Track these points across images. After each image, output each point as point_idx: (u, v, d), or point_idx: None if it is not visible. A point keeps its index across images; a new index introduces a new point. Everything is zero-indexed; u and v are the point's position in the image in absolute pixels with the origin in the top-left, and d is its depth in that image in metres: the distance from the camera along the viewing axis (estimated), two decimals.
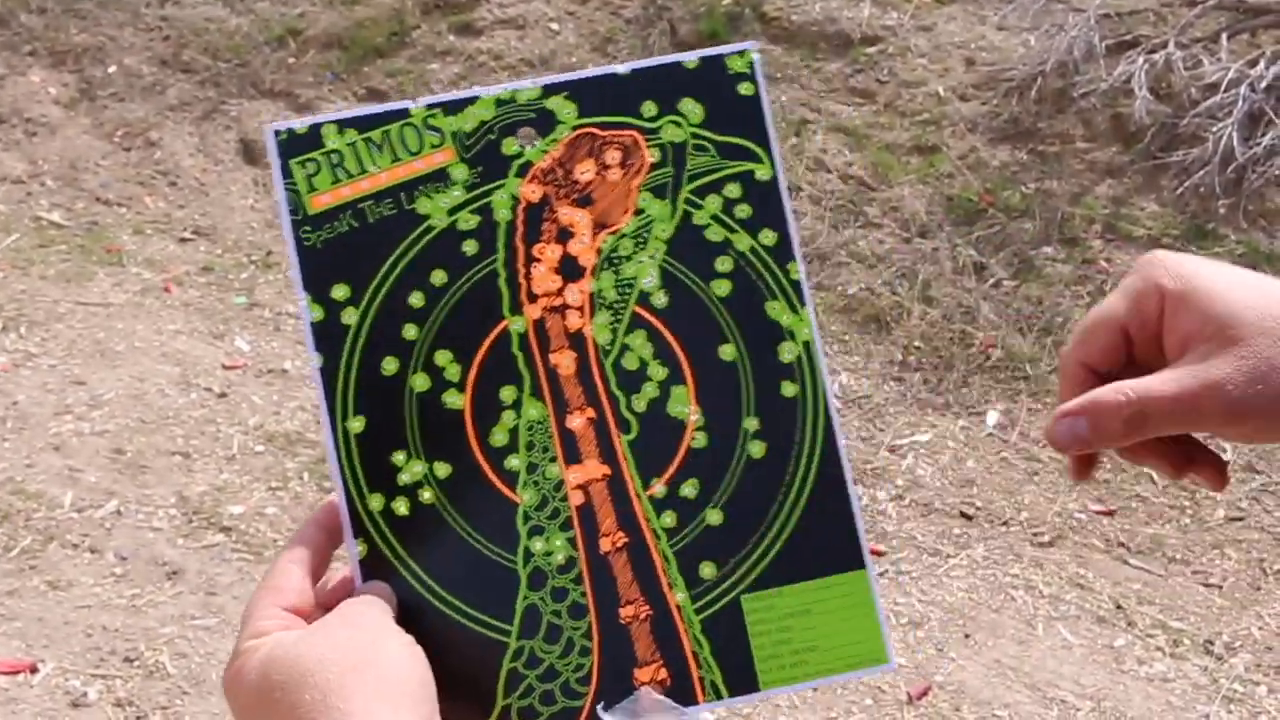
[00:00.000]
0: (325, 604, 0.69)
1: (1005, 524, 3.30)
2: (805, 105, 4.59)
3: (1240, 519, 3.31)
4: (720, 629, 0.70)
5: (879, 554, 3.17)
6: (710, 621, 0.70)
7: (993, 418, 3.65)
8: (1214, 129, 4.08)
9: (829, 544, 0.71)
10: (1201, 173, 4.07)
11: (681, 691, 0.69)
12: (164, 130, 4.74)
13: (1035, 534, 3.27)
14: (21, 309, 3.90)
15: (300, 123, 0.72)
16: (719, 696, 0.69)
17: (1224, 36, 4.40)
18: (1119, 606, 3.02)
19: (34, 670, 2.64)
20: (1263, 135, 4.06)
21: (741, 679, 0.70)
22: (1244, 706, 2.74)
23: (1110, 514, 3.34)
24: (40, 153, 4.66)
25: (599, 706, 0.69)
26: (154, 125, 4.76)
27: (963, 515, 3.33)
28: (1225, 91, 4.13)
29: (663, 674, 0.69)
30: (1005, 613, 3.01)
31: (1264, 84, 4.11)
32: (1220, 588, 3.10)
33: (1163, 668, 2.84)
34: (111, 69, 4.98)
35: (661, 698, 0.69)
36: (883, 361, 3.84)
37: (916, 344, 3.85)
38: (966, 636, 2.93)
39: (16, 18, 5.17)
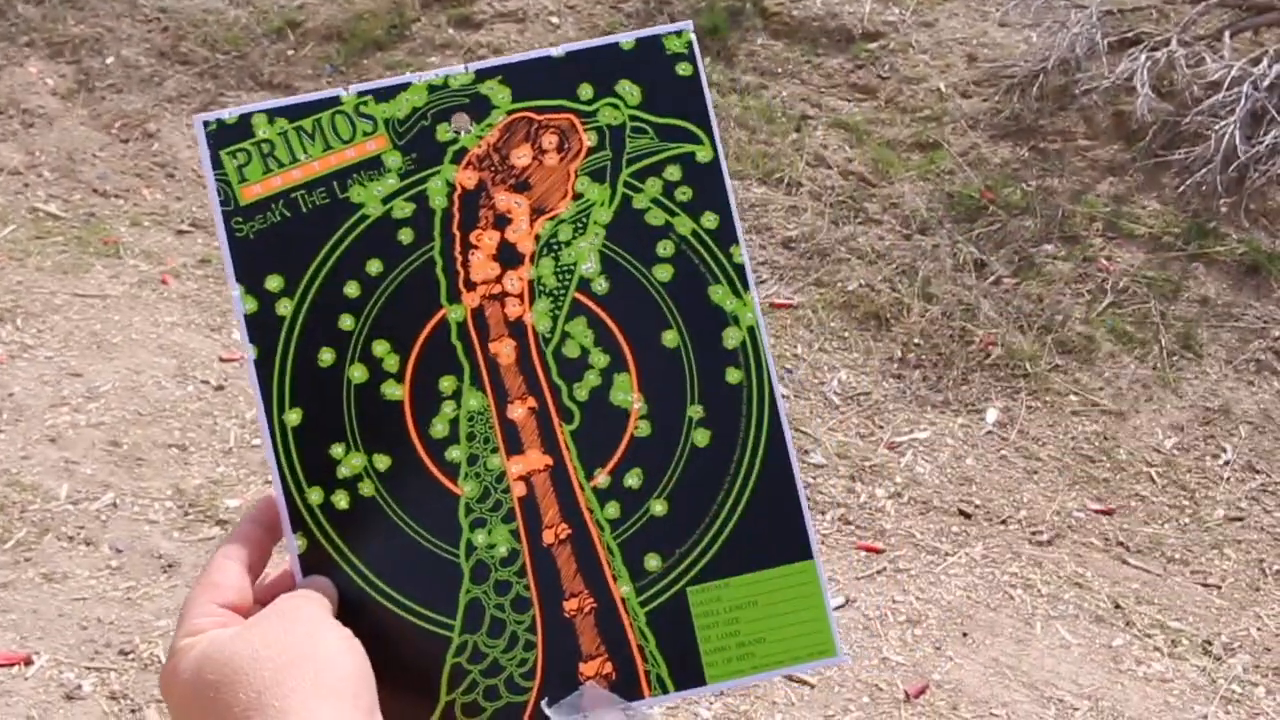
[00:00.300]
0: (264, 600, 0.67)
1: (1004, 522, 3.29)
2: (806, 100, 4.58)
3: (1240, 519, 3.31)
4: (666, 622, 0.69)
5: (877, 551, 3.16)
6: (655, 614, 0.69)
7: (992, 415, 3.63)
8: (1216, 127, 4.07)
9: (776, 534, 0.70)
10: (1203, 171, 4.05)
11: (627, 685, 0.68)
12: (162, 122, 4.73)
13: (1034, 533, 3.26)
14: (18, 300, 3.88)
15: (229, 113, 0.71)
16: (665, 690, 0.69)
17: (1227, 34, 4.38)
18: (1117, 606, 3.01)
19: (28, 662, 2.63)
20: (1265, 134, 4.05)
21: (688, 672, 0.69)
22: (1242, 707, 2.73)
23: (1109, 513, 3.33)
24: (37, 144, 4.64)
25: (543, 702, 0.68)
26: (152, 117, 4.74)
27: (961, 513, 3.32)
28: (1228, 90, 4.12)
29: (608, 668, 0.69)
30: (1003, 611, 3.00)
31: (1266, 82, 4.10)
32: (1219, 588, 3.09)
33: (1161, 668, 2.83)
34: (109, 60, 4.96)
35: (606, 692, 0.68)
36: (882, 358, 3.82)
37: (916, 341, 3.84)
38: (964, 635, 2.92)
39: (14, 8, 5.15)
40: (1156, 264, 4.00)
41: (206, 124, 0.71)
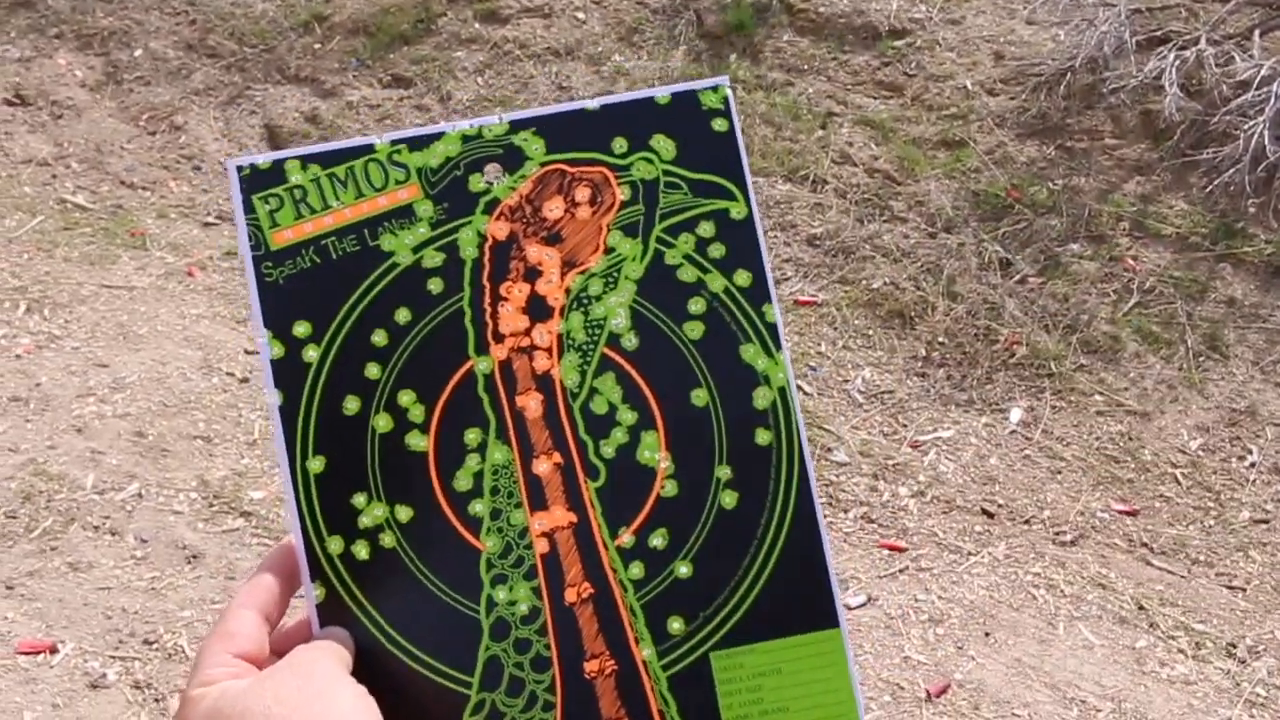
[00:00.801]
0: (280, 650, 0.67)
1: (1027, 522, 3.28)
2: (831, 98, 4.57)
3: (1265, 521, 3.28)
4: (688, 687, 0.68)
5: (899, 550, 3.15)
6: (677, 679, 0.68)
7: (1016, 415, 3.62)
8: (1245, 127, 4.04)
9: (802, 600, 0.69)
10: (1232, 171, 4.03)
11: None
12: (189, 115, 4.75)
13: (1057, 533, 3.24)
14: (45, 291, 3.91)
15: (263, 158, 0.71)
16: None
17: (1256, 33, 4.35)
18: (1141, 607, 2.99)
19: (54, 651, 2.65)
20: None
21: None
22: (1267, 711, 2.71)
23: (1133, 514, 3.31)
24: (66, 135, 4.67)
25: None
26: (179, 109, 4.76)
27: (984, 513, 3.30)
28: (1257, 89, 4.09)
29: None
30: (1026, 612, 2.99)
31: None
32: (1244, 590, 3.08)
33: (1184, 670, 2.81)
34: (138, 53, 4.98)
35: None
36: (906, 357, 3.81)
37: (940, 340, 3.83)
38: (986, 635, 2.91)
39: (44, 0, 5.18)
40: (1183, 264, 3.98)
41: (240, 169, 0.71)
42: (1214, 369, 3.72)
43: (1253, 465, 3.45)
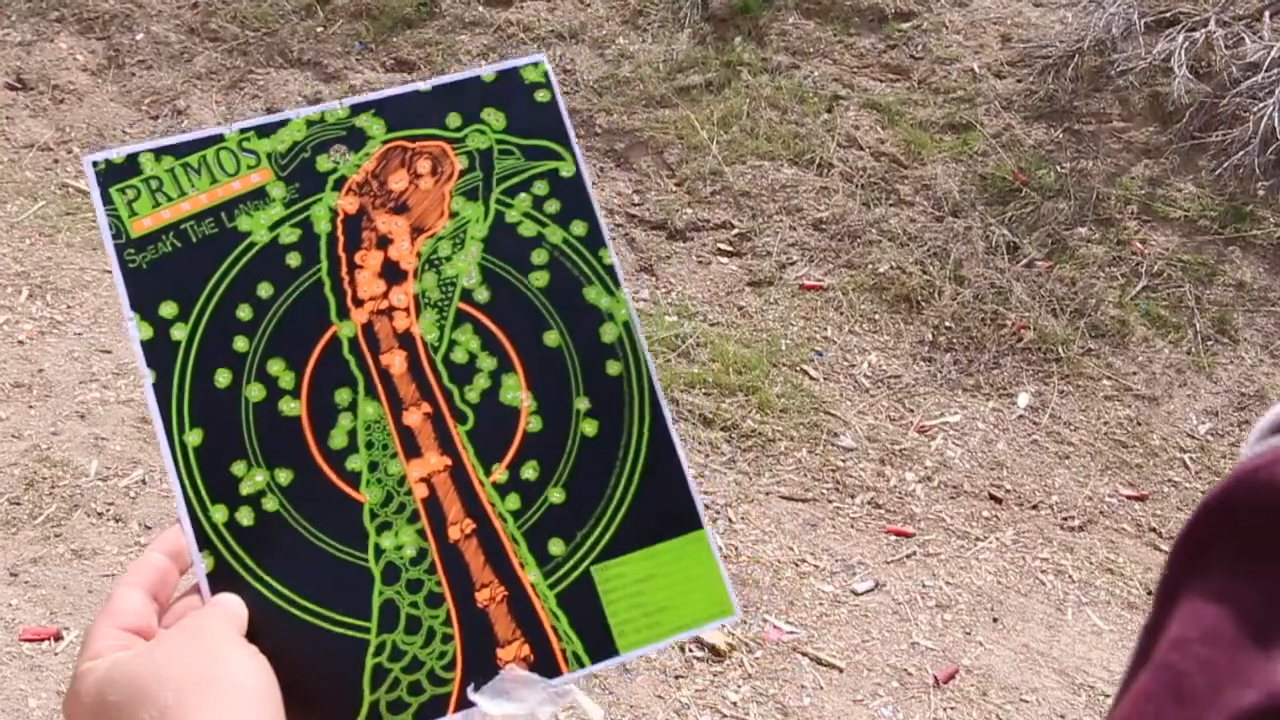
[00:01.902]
0: (170, 625, 0.67)
1: (1035, 507, 3.26)
2: (838, 81, 4.54)
3: None
4: (575, 601, 0.73)
5: (906, 535, 3.14)
6: (564, 595, 0.73)
7: (1024, 400, 3.60)
8: (1255, 109, 4.01)
9: (667, 510, 0.75)
10: (1241, 153, 4.00)
11: (545, 665, 0.72)
12: (191, 98, 4.72)
13: (1065, 518, 3.23)
14: (48, 276, 3.89)
15: (117, 152, 0.74)
16: (581, 665, 0.73)
17: (1267, 14, 4.32)
18: (1150, 592, 2.97)
19: (58, 638, 2.64)
20: None
21: (601, 646, 0.73)
22: None
23: (1142, 499, 3.29)
24: (68, 120, 4.65)
25: (469, 689, 0.70)
26: (181, 93, 4.74)
27: (992, 498, 3.29)
28: (1267, 71, 4.06)
29: (525, 650, 0.72)
30: (1034, 597, 2.97)
31: None
32: None
33: None
34: (139, 36, 4.96)
35: (527, 673, 0.71)
36: (913, 341, 3.79)
37: (947, 324, 3.81)
38: (995, 620, 2.90)
39: None
40: (1192, 247, 3.95)
41: (95, 164, 0.74)
42: (1223, 352, 3.70)
43: None
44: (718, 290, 3.95)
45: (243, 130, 0.76)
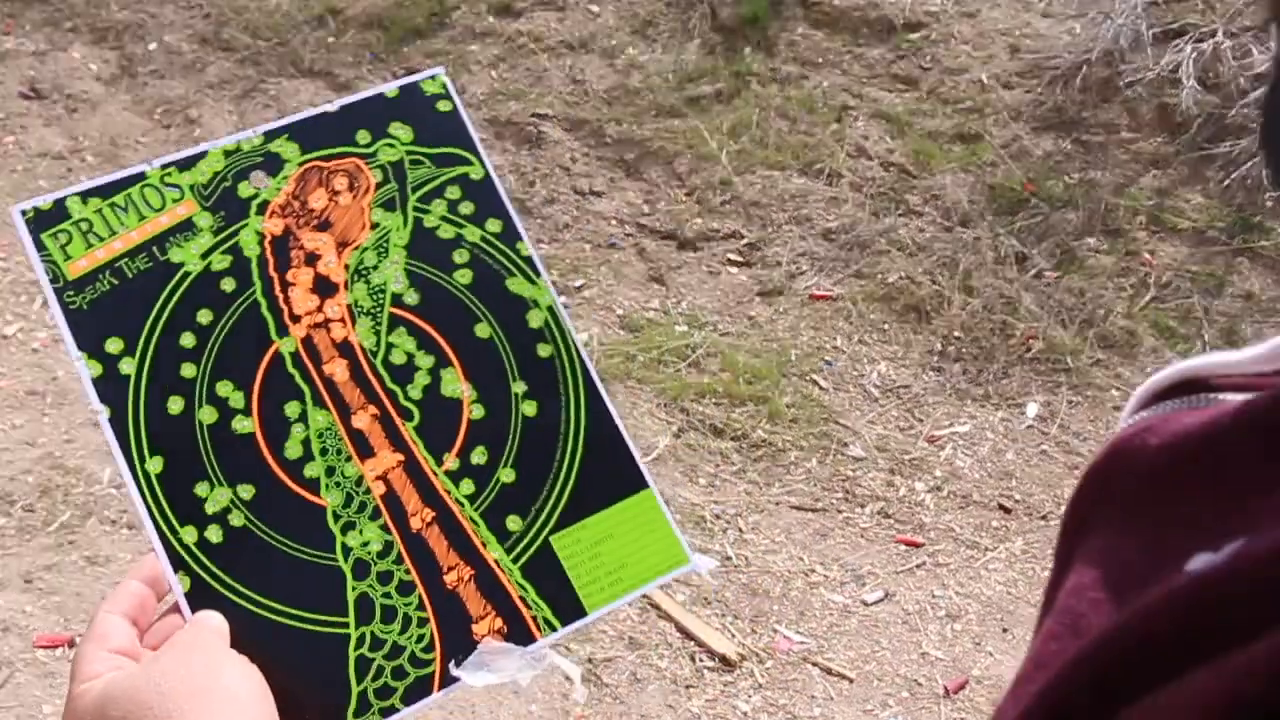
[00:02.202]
0: (153, 646, 0.70)
1: (1044, 517, 3.27)
2: (847, 91, 4.55)
3: None
4: (539, 571, 0.77)
5: (916, 545, 3.15)
6: (528, 567, 0.77)
7: (1033, 410, 3.61)
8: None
9: (612, 475, 0.80)
10: (1249, 164, 4.01)
11: (519, 634, 0.76)
12: (203, 108, 4.75)
13: None
14: None
15: (43, 200, 0.76)
16: (554, 629, 0.76)
17: (1275, 25, 4.32)
18: None
19: (72, 644, 2.65)
20: None
21: (569, 608, 0.77)
22: None
23: None
24: (80, 129, 4.67)
25: (451, 664, 0.74)
26: (194, 103, 4.76)
27: (1001, 508, 3.30)
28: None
29: (498, 623, 0.76)
30: None
31: None
32: None
33: None
34: (152, 46, 4.98)
35: (503, 643, 0.75)
36: (922, 351, 3.80)
37: (956, 334, 3.82)
38: (1004, 630, 2.91)
39: None
40: (1200, 258, 3.96)
41: (24, 212, 0.76)
42: None
43: None
44: (727, 300, 3.97)
45: (164, 166, 0.78)
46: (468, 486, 0.78)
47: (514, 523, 0.78)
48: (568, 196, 4.32)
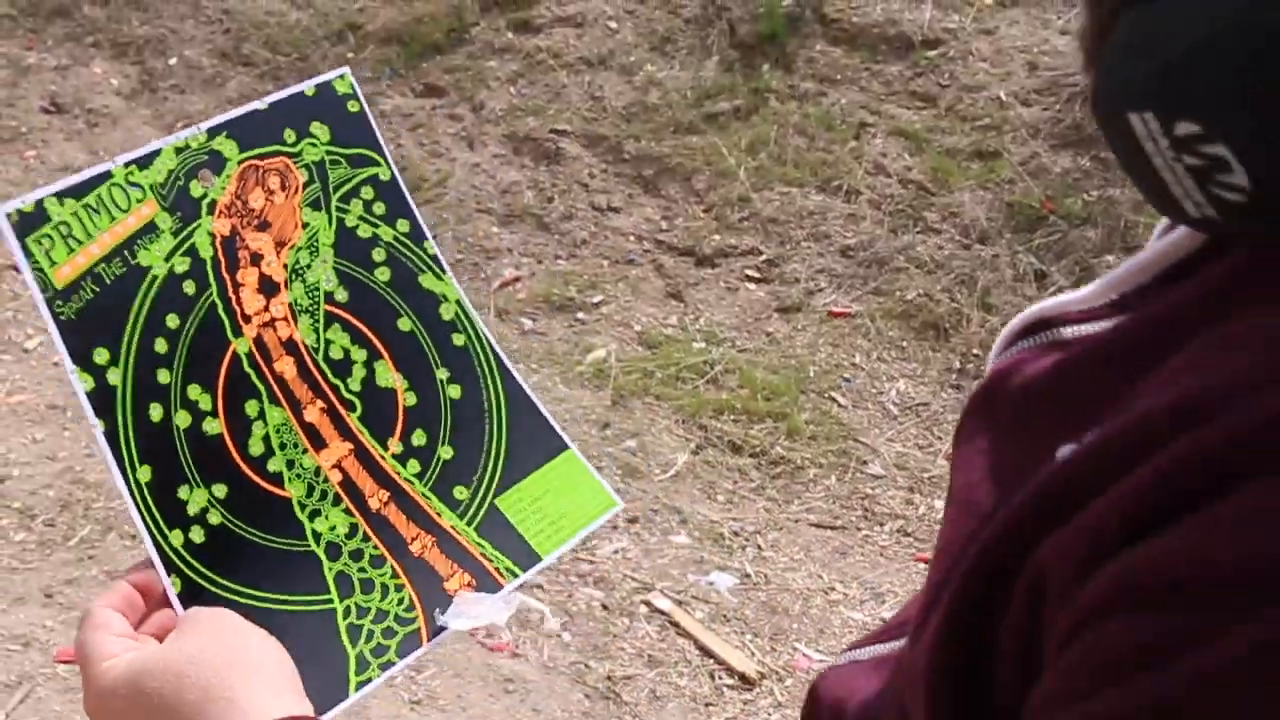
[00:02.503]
0: (153, 633, 0.73)
1: None
2: (865, 108, 4.56)
3: None
4: (491, 530, 0.85)
5: (928, 562, 3.14)
6: (482, 527, 0.85)
7: None
8: None
9: (536, 441, 0.89)
10: None
11: (487, 585, 0.84)
12: None
13: None
14: None
15: (24, 200, 0.77)
16: (515, 575, 0.85)
17: None
18: None
19: None
20: None
21: (525, 557, 0.86)
22: None
23: None
24: (101, 143, 4.70)
25: (435, 613, 0.81)
26: (214, 118, 4.79)
27: None
28: None
29: (467, 578, 0.83)
30: None
31: None
32: None
33: None
34: (172, 61, 5.01)
35: (476, 593, 0.83)
36: (940, 369, 3.80)
37: (975, 352, 3.81)
38: None
39: (80, 9, 5.22)
40: None
41: (9, 215, 0.76)
42: None
43: None
44: (745, 317, 3.97)
45: (127, 164, 0.80)
46: (414, 466, 0.85)
47: (460, 492, 0.85)
48: (586, 212, 4.33)
